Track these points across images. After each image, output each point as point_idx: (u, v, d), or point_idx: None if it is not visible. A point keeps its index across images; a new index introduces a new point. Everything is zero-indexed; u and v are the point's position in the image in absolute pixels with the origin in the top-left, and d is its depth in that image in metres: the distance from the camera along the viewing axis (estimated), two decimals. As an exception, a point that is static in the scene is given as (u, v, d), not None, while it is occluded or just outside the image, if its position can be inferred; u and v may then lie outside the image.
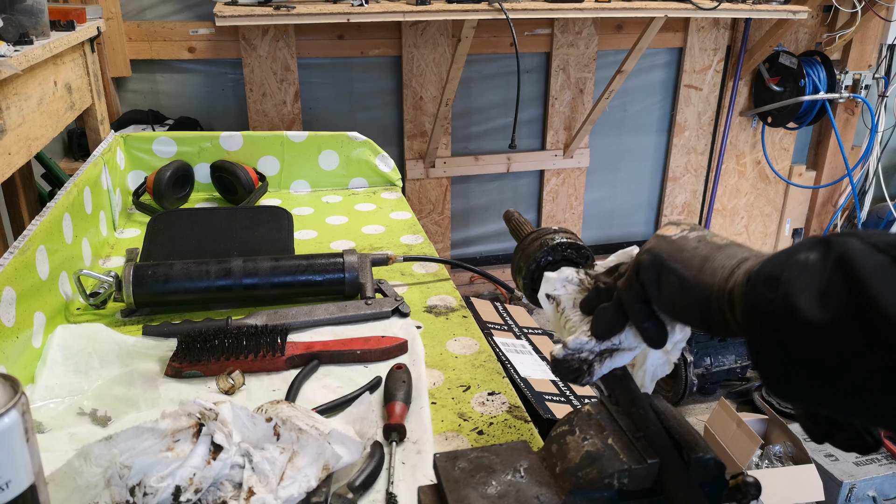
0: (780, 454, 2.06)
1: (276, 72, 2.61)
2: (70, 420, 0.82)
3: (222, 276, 1.08)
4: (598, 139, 3.15)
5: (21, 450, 0.49)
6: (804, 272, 0.42)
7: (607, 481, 0.57)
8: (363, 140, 1.67)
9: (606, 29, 2.93)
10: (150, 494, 0.62)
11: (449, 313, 1.11)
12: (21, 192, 1.91)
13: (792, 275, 0.42)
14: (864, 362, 0.38)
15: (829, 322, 0.39)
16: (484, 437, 0.82)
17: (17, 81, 1.18)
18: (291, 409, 0.73)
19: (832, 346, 0.40)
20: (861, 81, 3.14)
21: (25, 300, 0.90)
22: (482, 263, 3.18)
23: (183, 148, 1.61)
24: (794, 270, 0.42)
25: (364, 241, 1.39)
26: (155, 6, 2.50)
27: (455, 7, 2.21)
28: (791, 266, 0.43)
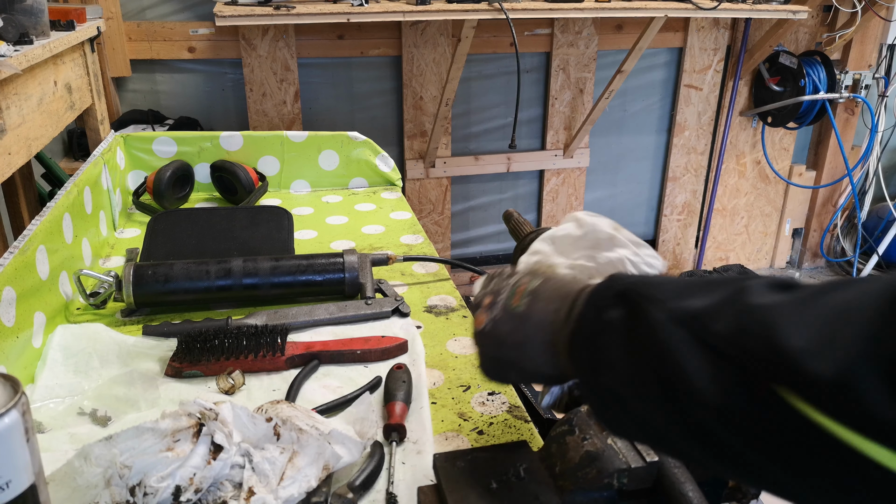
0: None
1: (276, 72, 2.61)
2: (70, 420, 0.82)
3: (222, 276, 1.08)
4: (598, 139, 3.15)
5: (21, 450, 0.50)
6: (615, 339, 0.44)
7: (607, 481, 0.57)
8: (363, 140, 1.67)
9: (606, 29, 2.93)
10: (150, 494, 0.62)
11: (449, 313, 1.11)
12: (21, 191, 1.91)
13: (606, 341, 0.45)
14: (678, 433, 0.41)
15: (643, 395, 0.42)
16: (484, 437, 0.82)
17: (17, 81, 1.18)
18: (291, 409, 0.73)
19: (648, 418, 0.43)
20: (861, 81, 3.14)
21: (25, 300, 0.90)
22: (482, 263, 3.18)
23: (183, 148, 1.61)
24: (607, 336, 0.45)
25: (364, 241, 1.39)
26: (155, 6, 2.50)
27: (455, 7, 2.21)
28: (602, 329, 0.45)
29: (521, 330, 0.52)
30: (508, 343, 0.53)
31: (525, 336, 0.52)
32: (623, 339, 0.44)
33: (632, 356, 0.43)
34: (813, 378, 0.33)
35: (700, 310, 0.40)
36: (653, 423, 0.43)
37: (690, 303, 0.41)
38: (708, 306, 0.40)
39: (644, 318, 0.42)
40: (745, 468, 0.38)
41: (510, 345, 0.53)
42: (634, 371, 0.42)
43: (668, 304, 0.41)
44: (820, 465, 0.34)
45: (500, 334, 0.54)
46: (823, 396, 0.32)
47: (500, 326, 0.54)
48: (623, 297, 0.45)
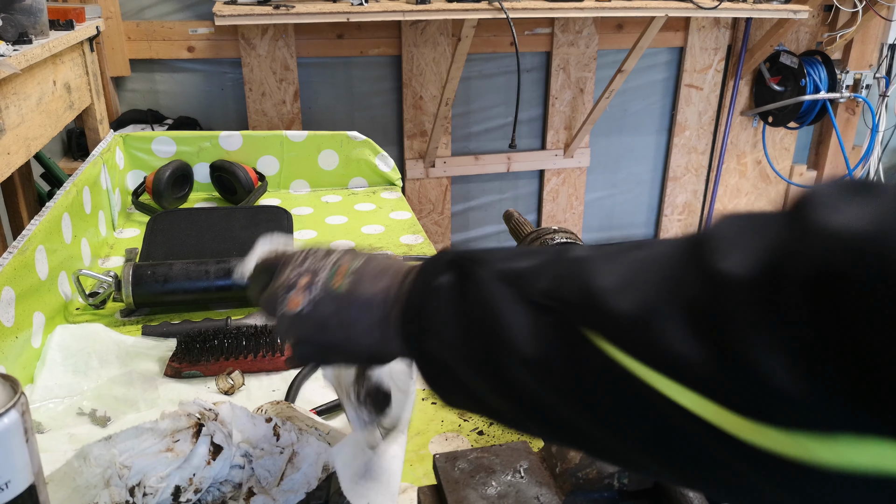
0: (780, 454, 2.06)
1: (275, 71, 2.61)
2: (69, 420, 0.82)
3: (222, 276, 1.08)
4: (599, 139, 3.15)
5: (20, 450, 0.49)
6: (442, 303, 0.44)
7: (607, 481, 0.57)
8: (363, 140, 1.67)
9: (607, 28, 2.92)
10: (149, 494, 0.62)
11: (449, 313, 1.10)
12: (20, 191, 1.91)
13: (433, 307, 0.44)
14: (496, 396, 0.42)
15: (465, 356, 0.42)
16: (484, 437, 0.81)
17: (16, 81, 1.17)
18: (291, 409, 0.73)
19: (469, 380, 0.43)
20: (862, 81, 3.14)
21: (25, 300, 0.90)
22: (482, 263, 3.18)
23: (182, 147, 1.61)
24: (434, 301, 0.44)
25: (364, 241, 1.38)
26: (154, 5, 2.50)
27: (455, 6, 2.21)
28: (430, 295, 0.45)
29: (347, 311, 0.50)
30: (332, 325, 0.51)
31: (352, 317, 0.50)
32: (451, 303, 0.43)
33: (458, 319, 0.43)
34: (615, 316, 0.33)
35: (525, 269, 0.41)
36: (478, 388, 0.43)
37: (517, 264, 0.42)
38: (533, 265, 0.41)
39: (471, 279, 0.42)
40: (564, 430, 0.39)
41: (334, 326, 0.51)
42: (460, 334, 0.42)
43: (496, 266, 0.42)
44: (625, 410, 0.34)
45: (323, 316, 0.51)
46: (624, 334, 0.33)
47: (321, 308, 0.51)
48: (453, 263, 0.45)
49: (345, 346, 0.51)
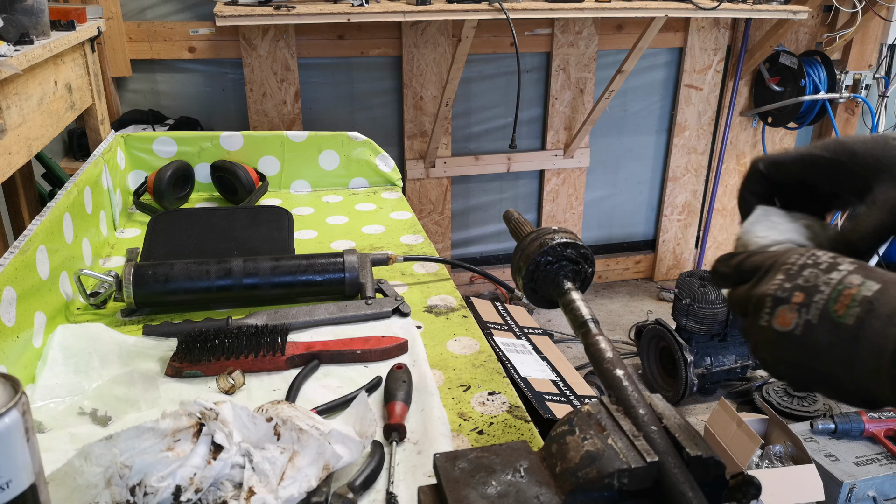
0: (780, 454, 2.06)
1: (276, 72, 2.61)
2: (70, 420, 0.82)
3: (222, 276, 1.08)
4: (599, 139, 3.15)
5: (21, 450, 0.50)
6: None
7: (607, 481, 0.57)
8: (363, 140, 1.67)
9: (607, 29, 2.93)
10: (150, 494, 0.62)
11: (449, 313, 1.11)
12: (21, 191, 1.91)
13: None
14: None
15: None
16: (484, 437, 0.82)
17: (17, 81, 1.18)
18: (292, 409, 0.73)
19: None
20: (861, 81, 3.14)
21: (26, 300, 0.90)
22: (482, 263, 3.18)
23: (183, 148, 1.61)
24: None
25: (364, 241, 1.39)
26: (155, 6, 2.50)
27: (455, 7, 2.21)
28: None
29: (850, 348, 0.43)
30: (828, 358, 0.44)
31: (854, 356, 0.43)
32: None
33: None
34: None
35: None
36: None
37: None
38: None
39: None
40: None
41: (831, 361, 0.44)
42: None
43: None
44: None
45: (818, 344, 0.44)
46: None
47: (816, 335, 0.44)
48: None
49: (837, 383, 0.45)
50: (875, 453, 2.03)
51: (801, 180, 0.53)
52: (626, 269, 3.46)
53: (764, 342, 0.47)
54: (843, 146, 0.50)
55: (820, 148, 0.52)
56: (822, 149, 0.52)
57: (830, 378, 0.45)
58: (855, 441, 2.08)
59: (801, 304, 0.45)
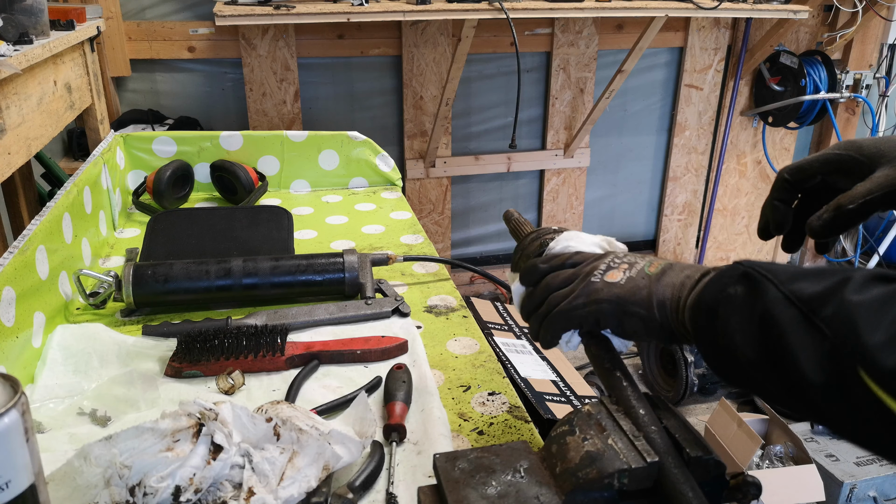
0: (780, 454, 2.06)
1: (275, 71, 2.61)
2: (70, 420, 0.82)
3: (222, 275, 1.08)
4: (599, 139, 3.15)
5: (21, 450, 0.49)
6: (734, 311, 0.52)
7: (607, 481, 0.57)
8: (363, 140, 1.67)
9: (607, 28, 2.92)
10: (149, 494, 0.62)
11: (449, 313, 1.11)
12: (21, 191, 1.91)
13: (725, 311, 0.53)
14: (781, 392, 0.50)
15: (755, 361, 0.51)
16: (484, 437, 0.81)
17: (16, 81, 1.18)
18: (291, 409, 0.73)
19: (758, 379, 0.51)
20: (862, 81, 3.14)
21: (25, 300, 0.90)
22: (482, 263, 3.18)
23: (183, 147, 1.61)
24: (727, 307, 0.53)
25: (364, 241, 1.38)
26: (155, 6, 2.50)
27: (455, 6, 2.21)
28: (724, 301, 0.54)
29: (653, 287, 0.62)
30: (640, 294, 0.62)
31: (654, 292, 0.61)
32: (742, 312, 0.52)
33: (748, 327, 0.51)
34: (882, 368, 0.42)
35: (810, 295, 0.48)
36: (759, 381, 0.52)
37: (803, 286, 0.49)
38: (817, 293, 0.48)
39: (762, 295, 0.50)
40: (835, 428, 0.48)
41: (641, 296, 0.62)
42: (748, 339, 0.51)
43: (784, 287, 0.49)
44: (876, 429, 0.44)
45: (634, 286, 0.63)
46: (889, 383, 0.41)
47: (634, 282, 0.63)
48: (746, 276, 0.53)
49: (644, 311, 0.61)
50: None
51: (822, 179, 0.65)
52: (626, 268, 3.46)
53: (593, 291, 0.65)
54: (853, 143, 0.62)
55: (833, 147, 0.65)
56: (835, 148, 0.64)
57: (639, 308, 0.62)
58: (855, 441, 2.08)
59: (626, 269, 0.65)
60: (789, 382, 0.48)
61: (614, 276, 0.64)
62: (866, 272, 0.48)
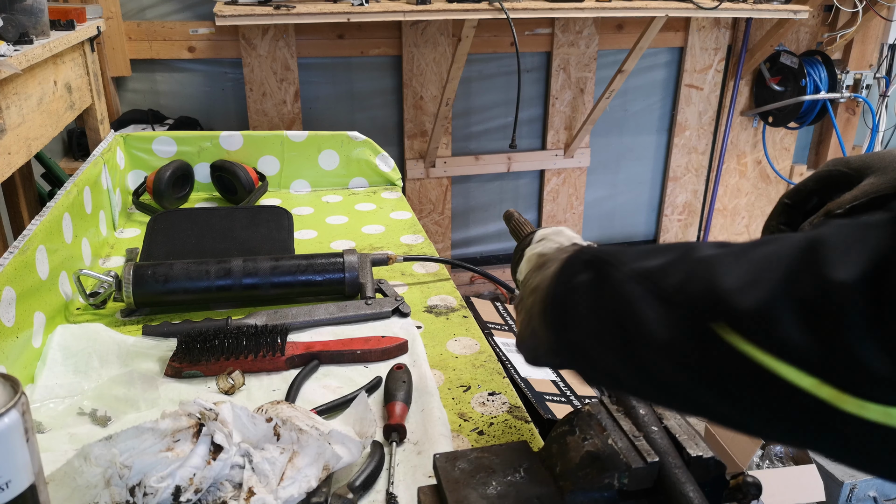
0: (780, 454, 2.06)
1: (275, 71, 2.61)
2: (70, 420, 0.82)
3: (222, 275, 1.08)
4: (599, 139, 3.15)
5: (21, 450, 0.49)
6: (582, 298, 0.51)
7: (607, 481, 0.57)
8: (363, 140, 1.67)
9: (607, 28, 2.92)
10: (150, 494, 0.62)
11: (449, 313, 1.11)
12: (21, 191, 1.91)
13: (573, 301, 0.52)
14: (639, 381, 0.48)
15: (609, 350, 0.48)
16: (484, 437, 0.81)
17: (16, 81, 1.18)
18: (291, 409, 0.73)
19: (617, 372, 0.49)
20: (862, 81, 3.14)
21: (25, 300, 0.90)
22: (482, 263, 3.18)
23: (183, 147, 1.61)
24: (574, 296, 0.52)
25: (364, 241, 1.38)
26: (155, 6, 2.50)
27: (455, 6, 2.21)
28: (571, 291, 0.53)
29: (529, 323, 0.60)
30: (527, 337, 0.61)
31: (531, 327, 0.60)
32: (589, 298, 0.51)
33: (596, 312, 0.50)
34: (740, 312, 0.39)
35: (655, 268, 0.46)
36: (614, 371, 0.49)
37: (647, 263, 0.47)
38: (661, 264, 0.46)
39: (607, 278, 0.49)
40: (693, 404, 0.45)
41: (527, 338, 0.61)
42: (598, 325, 0.49)
43: (628, 266, 0.48)
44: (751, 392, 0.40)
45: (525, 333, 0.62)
46: (748, 327, 0.39)
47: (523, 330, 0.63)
48: (590, 263, 0.52)
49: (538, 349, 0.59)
50: (875, 453, 2.03)
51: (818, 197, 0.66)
52: (626, 268, 3.46)
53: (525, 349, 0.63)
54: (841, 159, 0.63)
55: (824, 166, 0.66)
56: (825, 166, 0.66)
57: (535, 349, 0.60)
58: (855, 441, 2.08)
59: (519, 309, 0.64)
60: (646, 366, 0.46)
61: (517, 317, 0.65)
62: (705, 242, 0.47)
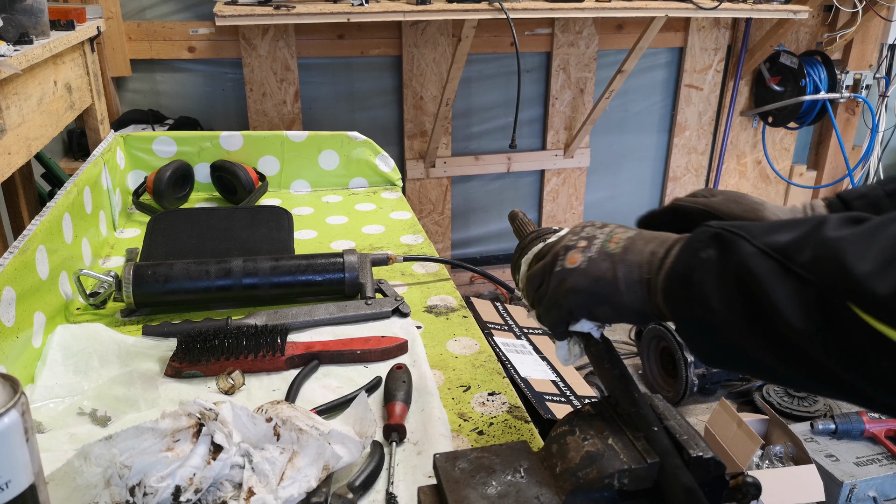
0: (780, 454, 2.06)
1: (276, 71, 2.61)
2: (70, 420, 0.82)
3: (222, 276, 1.08)
4: (599, 139, 3.15)
5: (21, 450, 0.49)
6: (709, 274, 0.50)
7: (607, 481, 0.57)
8: (363, 140, 1.67)
9: (607, 28, 2.92)
10: (149, 494, 0.62)
11: (449, 313, 1.11)
12: (21, 191, 1.91)
13: (700, 277, 0.51)
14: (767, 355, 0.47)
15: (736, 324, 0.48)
16: (484, 437, 0.81)
17: (16, 81, 1.18)
18: (291, 409, 0.73)
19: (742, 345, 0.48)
20: (862, 81, 3.14)
21: (25, 300, 0.90)
22: (482, 263, 3.18)
23: (183, 148, 1.61)
24: (701, 272, 0.51)
25: (364, 241, 1.38)
26: (155, 6, 2.50)
27: (455, 7, 2.21)
28: (697, 266, 0.51)
29: (618, 268, 0.58)
30: (605, 279, 0.58)
31: (621, 273, 0.58)
32: (717, 274, 0.49)
33: (725, 288, 0.48)
34: (875, 295, 0.40)
35: (785, 243, 0.46)
36: (743, 349, 0.48)
37: (776, 238, 0.47)
38: (791, 240, 0.46)
39: (735, 253, 0.48)
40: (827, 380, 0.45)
41: (607, 280, 0.58)
42: (727, 301, 0.48)
43: (757, 240, 0.47)
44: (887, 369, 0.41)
45: (597, 271, 0.59)
46: (884, 310, 0.39)
47: (596, 264, 0.59)
48: (717, 237, 0.50)
49: (613, 297, 0.58)
50: (875, 454, 2.03)
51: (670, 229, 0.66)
52: (626, 269, 3.46)
53: (558, 281, 0.61)
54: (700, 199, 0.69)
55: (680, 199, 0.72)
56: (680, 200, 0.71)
57: (607, 297, 0.58)
58: (855, 441, 2.08)
59: (584, 248, 0.61)
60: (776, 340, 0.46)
61: (574, 258, 0.61)
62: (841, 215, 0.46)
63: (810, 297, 0.43)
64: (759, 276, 0.46)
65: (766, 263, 0.46)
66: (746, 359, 0.50)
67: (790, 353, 0.45)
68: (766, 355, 0.47)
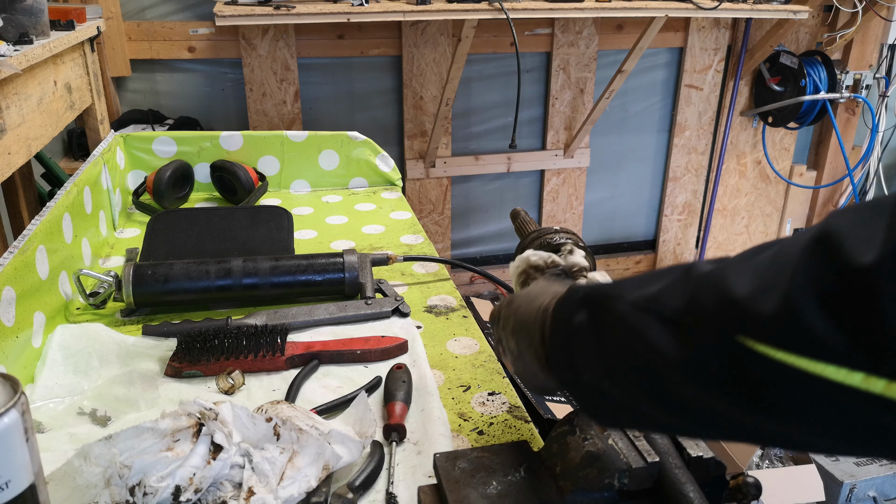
0: (780, 454, 2.06)
1: (276, 71, 2.61)
2: (70, 420, 0.82)
3: (222, 275, 1.08)
4: (599, 139, 3.15)
5: (21, 449, 0.49)
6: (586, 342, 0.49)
7: (608, 481, 0.57)
8: (363, 140, 1.67)
9: (607, 29, 2.92)
10: (149, 494, 0.62)
11: (449, 313, 1.10)
12: (21, 191, 1.91)
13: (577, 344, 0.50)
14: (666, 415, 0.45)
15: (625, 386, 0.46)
16: (484, 437, 0.81)
17: (16, 81, 1.17)
18: (291, 409, 0.73)
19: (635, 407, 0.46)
20: (862, 81, 3.14)
21: (25, 300, 0.90)
22: (482, 263, 3.18)
23: (183, 148, 1.61)
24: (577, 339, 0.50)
25: (364, 241, 1.38)
26: (155, 6, 2.50)
27: (455, 7, 2.21)
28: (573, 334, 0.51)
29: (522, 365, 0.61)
30: (525, 377, 0.62)
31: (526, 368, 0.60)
32: (594, 337, 0.48)
33: (605, 350, 0.47)
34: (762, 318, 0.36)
35: (656, 293, 0.44)
36: (636, 407, 0.46)
37: (646, 290, 0.45)
38: (663, 288, 0.44)
39: (610, 313, 0.46)
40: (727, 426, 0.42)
41: (526, 377, 0.62)
42: (610, 363, 0.46)
43: (629, 297, 0.45)
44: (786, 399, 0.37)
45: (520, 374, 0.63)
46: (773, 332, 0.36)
47: (516, 368, 0.63)
48: (586, 300, 0.50)
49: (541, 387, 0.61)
50: (875, 453, 2.03)
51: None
52: (626, 269, 3.46)
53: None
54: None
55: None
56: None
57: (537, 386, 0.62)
58: (855, 441, 2.07)
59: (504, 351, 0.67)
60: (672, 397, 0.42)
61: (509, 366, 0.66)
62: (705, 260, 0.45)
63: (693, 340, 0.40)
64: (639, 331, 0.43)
65: (643, 317, 0.43)
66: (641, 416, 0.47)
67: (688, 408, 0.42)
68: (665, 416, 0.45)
